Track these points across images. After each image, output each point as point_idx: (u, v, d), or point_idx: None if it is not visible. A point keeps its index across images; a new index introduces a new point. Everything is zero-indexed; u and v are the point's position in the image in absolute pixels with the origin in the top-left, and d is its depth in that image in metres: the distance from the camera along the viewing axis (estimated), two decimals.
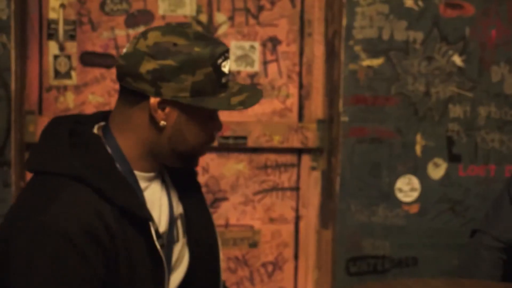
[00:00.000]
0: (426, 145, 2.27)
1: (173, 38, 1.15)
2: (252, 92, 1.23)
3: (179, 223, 1.31)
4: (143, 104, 1.16)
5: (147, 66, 1.14)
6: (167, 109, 1.16)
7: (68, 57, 2.19)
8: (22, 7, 2.09)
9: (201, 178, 2.29)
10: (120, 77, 1.18)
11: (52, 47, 2.18)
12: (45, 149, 1.16)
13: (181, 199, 1.34)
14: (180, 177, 1.34)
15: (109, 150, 1.18)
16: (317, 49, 2.35)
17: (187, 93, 1.14)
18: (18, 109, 2.07)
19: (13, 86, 2.02)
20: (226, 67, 1.18)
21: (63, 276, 1.04)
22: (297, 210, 2.40)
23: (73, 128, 1.19)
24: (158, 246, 1.15)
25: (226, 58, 1.18)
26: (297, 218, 2.40)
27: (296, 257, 2.41)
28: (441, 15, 2.23)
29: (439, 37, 2.24)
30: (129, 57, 1.16)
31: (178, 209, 1.32)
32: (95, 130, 1.22)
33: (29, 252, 1.04)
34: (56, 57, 2.19)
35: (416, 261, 2.30)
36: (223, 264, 1.38)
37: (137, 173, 1.20)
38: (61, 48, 2.17)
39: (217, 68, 1.16)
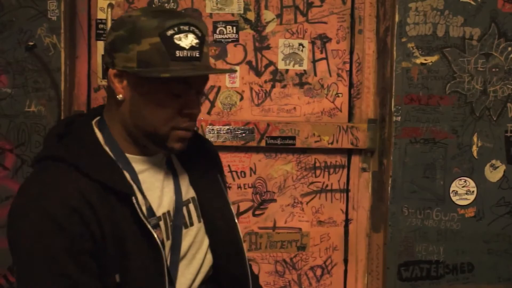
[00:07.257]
0: (483, 146, 2.19)
1: (134, 12, 1.17)
2: (205, 70, 1.18)
3: (191, 207, 1.32)
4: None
5: (109, 38, 1.18)
6: (124, 82, 1.17)
7: None
8: (71, 8, 2.11)
9: (248, 179, 2.26)
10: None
11: (101, 47, 2.19)
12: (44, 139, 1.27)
13: (193, 183, 1.34)
14: (194, 162, 1.35)
15: (99, 136, 1.22)
16: (368, 47, 2.28)
17: (134, 63, 1.14)
18: (68, 109, 2.08)
19: (62, 86, 2.03)
20: (183, 41, 1.14)
21: (42, 248, 1.08)
22: (346, 213, 2.34)
23: (73, 120, 1.26)
24: (145, 221, 1.16)
25: (181, 31, 1.14)
26: (347, 221, 2.35)
27: (345, 261, 2.36)
28: (499, 10, 2.15)
29: (498, 33, 2.16)
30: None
31: (189, 193, 1.33)
32: (94, 121, 1.26)
33: (14, 229, 1.12)
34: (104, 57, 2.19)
35: (472, 267, 2.22)
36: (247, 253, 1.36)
37: (130, 156, 1.22)
38: None
39: (167, 40, 1.13)
